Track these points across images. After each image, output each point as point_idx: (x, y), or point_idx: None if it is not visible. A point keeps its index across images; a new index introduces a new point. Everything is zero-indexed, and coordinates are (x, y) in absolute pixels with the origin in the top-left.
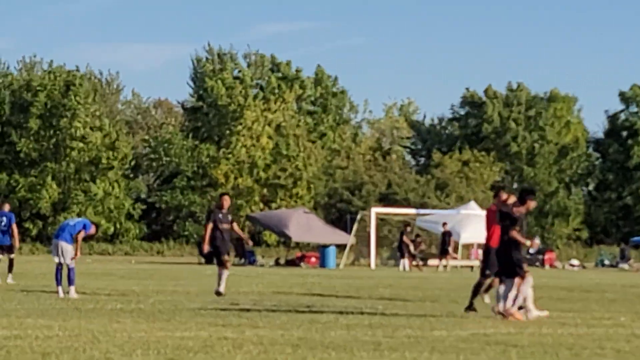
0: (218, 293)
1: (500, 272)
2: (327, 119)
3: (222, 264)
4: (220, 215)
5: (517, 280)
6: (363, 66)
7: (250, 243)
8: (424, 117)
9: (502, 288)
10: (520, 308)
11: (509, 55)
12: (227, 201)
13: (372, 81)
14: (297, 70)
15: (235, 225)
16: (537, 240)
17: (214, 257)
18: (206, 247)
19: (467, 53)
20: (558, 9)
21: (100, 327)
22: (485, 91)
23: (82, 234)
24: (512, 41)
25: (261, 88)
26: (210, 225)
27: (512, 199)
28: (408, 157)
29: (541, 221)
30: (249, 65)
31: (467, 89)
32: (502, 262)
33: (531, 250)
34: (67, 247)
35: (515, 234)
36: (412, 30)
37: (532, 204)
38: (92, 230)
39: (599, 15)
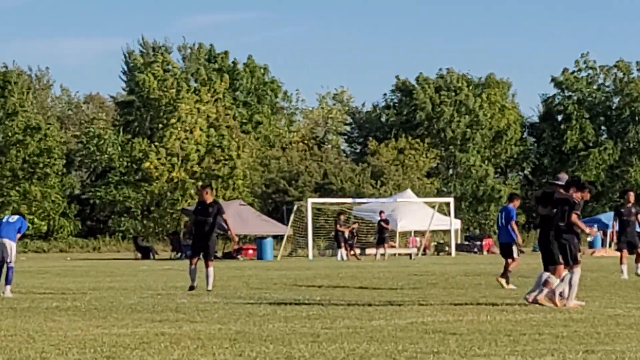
0: (193, 287)
1: (550, 260)
2: (261, 109)
3: (189, 259)
4: (199, 208)
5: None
6: (295, 56)
7: (236, 239)
8: (364, 104)
9: (546, 274)
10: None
11: (442, 43)
12: (205, 193)
13: (305, 71)
14: (234, 63)
15: (224, 217)
16: (596, 228)
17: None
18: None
19: (400, 41)
20: None
21: (36, 326)
22: (417, 78)
23: (18, 235)
24: (444, 28)
25: (195, 80)
26: (192, 218)
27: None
28: (344, 146)
29: (476, 207)
30: (184, 58)
31: (397, 77)
32: (557, 249)
33: (589, 239)
34: (12, 245)
35: (576, 219)
36: (344, 19)
37: (587, 195)
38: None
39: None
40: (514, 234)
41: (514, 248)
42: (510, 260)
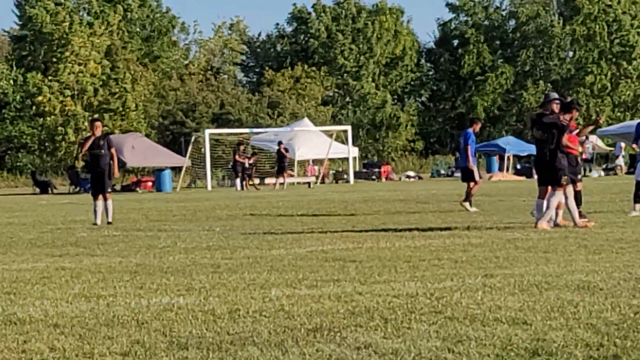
0: (95, 224)
1: (543, 182)
2: (159, 41)
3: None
4: (92, 143)
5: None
6: None
7: (117, 175)
8: (259, 34)
9: (542, 200)
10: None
11: None
12: (95, 128)
13: (201, 1)
14: None
15: (112, 150)
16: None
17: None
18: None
19: None
20: None
21: None
22: (313, 6)
23: None
24: None
25: (88, 13)
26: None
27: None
28: (240, 76)
29: (374, 134)
30: None
31: (295, 5)
32: (546, 171)
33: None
34: None
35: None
36: None
37: (576, 114)
38: None
39: None
40: (470, 159)
41: (475, 171)
42: (472, 184)
